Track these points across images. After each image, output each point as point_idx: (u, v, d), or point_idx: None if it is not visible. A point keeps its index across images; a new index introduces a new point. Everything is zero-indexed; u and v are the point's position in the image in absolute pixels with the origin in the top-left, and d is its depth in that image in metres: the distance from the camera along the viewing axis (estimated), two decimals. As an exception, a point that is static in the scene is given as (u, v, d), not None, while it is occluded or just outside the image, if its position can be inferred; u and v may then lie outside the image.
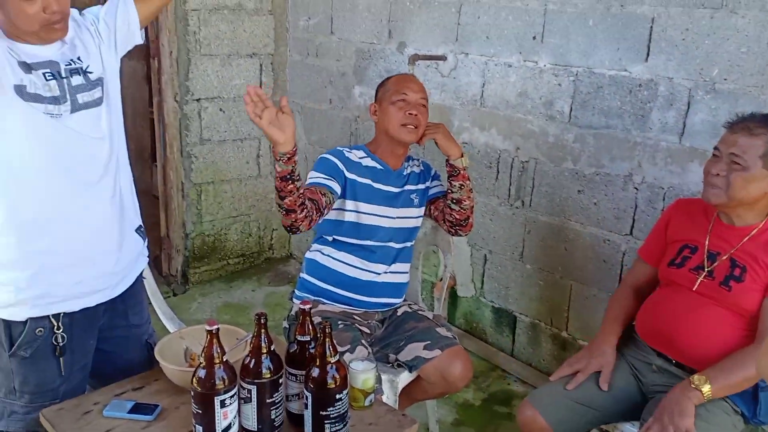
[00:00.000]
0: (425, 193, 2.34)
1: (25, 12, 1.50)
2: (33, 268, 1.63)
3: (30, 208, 1.61)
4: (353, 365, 1.64)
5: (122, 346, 1.87)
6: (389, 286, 2.28)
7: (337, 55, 3.67)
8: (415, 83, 2.25)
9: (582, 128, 2.65)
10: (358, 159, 2.23)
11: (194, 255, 3.86)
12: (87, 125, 1.64)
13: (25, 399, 1.70)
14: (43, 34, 1.56)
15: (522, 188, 2.91)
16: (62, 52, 1.63)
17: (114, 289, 1.78)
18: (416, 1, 3.17)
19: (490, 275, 3.14)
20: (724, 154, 1.78)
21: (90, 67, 1.67)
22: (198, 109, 3.67)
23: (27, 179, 1.60)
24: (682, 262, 1.91)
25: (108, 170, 1.71)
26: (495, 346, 3.18)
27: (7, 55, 1.53)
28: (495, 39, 2.88)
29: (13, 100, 1.52)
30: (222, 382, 1.42)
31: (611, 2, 2.48)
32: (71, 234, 1.66)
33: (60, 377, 1.71)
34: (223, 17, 3.64)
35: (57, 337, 1.68)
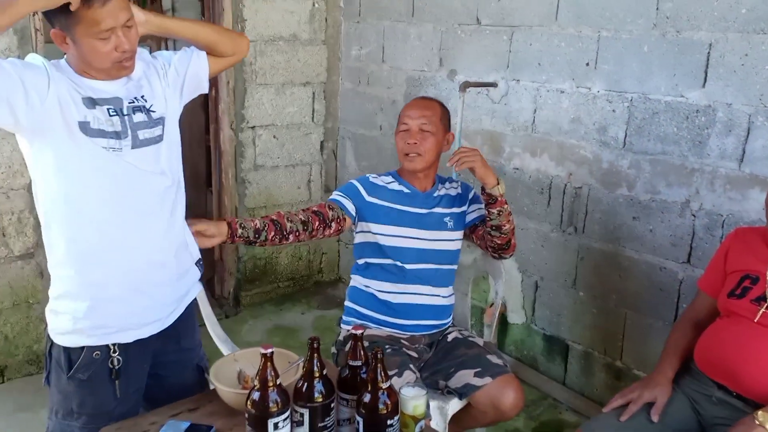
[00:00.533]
0: (462, 217, 2.33)
1: (99, 50, 1.55)
2: (89, 299, 1.68)
3: (88, 240, 1.66)
4: (404, 391, 1.63)
5: (174, 371, 1.90)
6: (430, 308, 2.28)
7: (388, 83, 3.72)
8: (416, 108, 2.24)
9: (637, 154, 2.61)
10: (384, 183, 2.29)
11: (246, 278, 3.93)
12: (146, 161, 1.68)
13: (82, 420, 1.74)
14: (113, 71, 1.62)
15: (575, 214, 2.87)
16: (127, 89, 1.68)
17: (166, 320, 1.81)
18: (467, 29, 3.20)
19: (541, 302, 3.10)
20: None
21: (153, 107, 1.72)
22: (253, 136, 3.77)
23: (86, 212, 1.64)
24: (743, 293, 1.85)
25: (165, 205, 1.75)
26: (546, 375, 3.12)
27: (72, 93, 1.58)
28: (547, 65, 2.88)
29: (76, 136, 1.58)
30: (275, 405, 1.44)
31: (667, 28, 2.45)
32: (127, 266, 1.70)
33: (115, 400, 1.75)
34: (278, 48, 3.74)
35: (113, 360, 1.72)
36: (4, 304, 3.01)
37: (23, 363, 3.09)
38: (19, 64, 1.53)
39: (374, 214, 2.25)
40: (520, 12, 2.95)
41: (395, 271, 2.25)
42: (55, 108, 1.55)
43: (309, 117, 3.97)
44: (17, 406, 2.87)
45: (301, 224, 2.12)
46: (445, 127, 2.26)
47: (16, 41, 2.83)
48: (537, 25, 2.89)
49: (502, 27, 3.03)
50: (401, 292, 2.25)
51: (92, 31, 1.52)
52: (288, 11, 3.72)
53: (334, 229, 2.20)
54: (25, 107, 1.51)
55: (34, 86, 1.52)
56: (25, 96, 1.50)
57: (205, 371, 1.97)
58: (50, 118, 1.55)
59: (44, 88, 1.54)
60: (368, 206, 2.25)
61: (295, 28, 3.77)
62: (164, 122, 1.74)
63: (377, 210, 2.25)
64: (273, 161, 3.88)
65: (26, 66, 1.55)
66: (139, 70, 1.73)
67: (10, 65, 1.50)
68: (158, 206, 1.74)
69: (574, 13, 2.74)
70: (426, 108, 2.23)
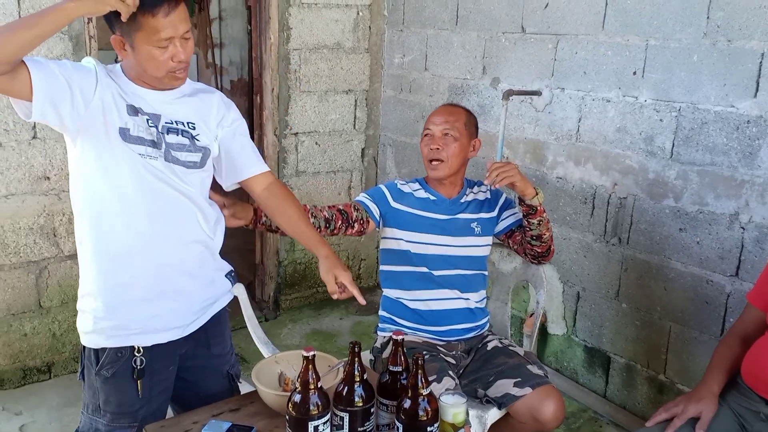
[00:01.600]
0: (491, 222, 2.32)
1: (156, 58, 1.59)
2: (111, 300, 1.72)
3: (114, 241, 1.70)
4: (444, 398, 1.62)
5: (203, 376, 1.91)
6: (461, 312, 2.28)
7: (430, 91, 3.72)
8: (440, 114, 2.24)
9: (685, 165, 2.56)
10: (411, 190, 2.29)
11: (286, 282, 3.97)
12: (177, 176, 1.71)
13: (107, 418, 1.77)
14: (166, 80, 1.66)
15: (619, 225, 2.83)
16: (173, 109, 1.71)
17: (188, 328, 1.82)
18: (512, 37, 3.19)
19: (582, 313, 3.05)
20: None
21: (199, 136, 1.75)
22: (295, 142, 3.81)
23: (115, 213, 1.68)
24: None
25: (192, 215, 1.77)
26: (586, 387, 3.07)
27: (117, 99, 1.63)
28: (593, 74, 2.84)
29: (114, 141, 1.62)
30: (316, 408, 1.45)
31: (717, 37, 2.40)
32: (151, 270, 1.73)
33: (139, 400, 1.77)
34: (322, 56, 3.78)
35: (136, 360, 1.74)
36: (53, 302, 3.10)
37: (69, 360, 3.17)
38: (69, 67, 1.57)
39: (399, 220, 2.26)
40: (566, 20, 2.93)
41: (422, 278, 2.26)
42: (99, 112, 1.60)
43: (351, 124, 4.00)
44: (63, 401, 2.95)
45: (324, 221, 2.14)
46: (470, 133, 2.26)
47: (71, 47, 2.92)
48: (583, 34, 2.86)
49: (548, 35, 3.01)
50: (431, 299, 2.26)
51: (152, 39, 1.56)
52: (333, 20, 3.76)
53: (356, 229, 2.22)
54: (71, 109, 1.56)
55: (80, 89, 1.56)
56: (71, 99, 1.55)
57: (236, 378, 1.98)
58: (93, 122, 1.60)
59: (90, 92, 1.58)
60: (394, 212, 2.26)
61: (339, 37, 3.81)
62: (207, 153, 1.77)
63: (402, 216, 2.26)
64: (314, 167, 3.92)
65: (76, 69, 1.59)
66: (196, 100, 1.76)
67: (60, 67, 1.55)
68: (188, 215, 1.76)
69: (621, 22, 2.71)
70: (449, 114, 2.24)
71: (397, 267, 2.30)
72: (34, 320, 3.08)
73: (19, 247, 2.98)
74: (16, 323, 3.04)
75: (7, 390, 3.05)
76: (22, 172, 2.93)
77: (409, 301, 2.28)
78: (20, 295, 3.03)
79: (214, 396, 1.86)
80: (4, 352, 3.03)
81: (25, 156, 2.91)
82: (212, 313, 1.89)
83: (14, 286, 3.01)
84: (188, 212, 1.76)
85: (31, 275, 3.03)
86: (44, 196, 2.98)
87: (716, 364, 1.95)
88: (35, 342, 3.10)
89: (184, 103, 1.74)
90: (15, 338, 3.05)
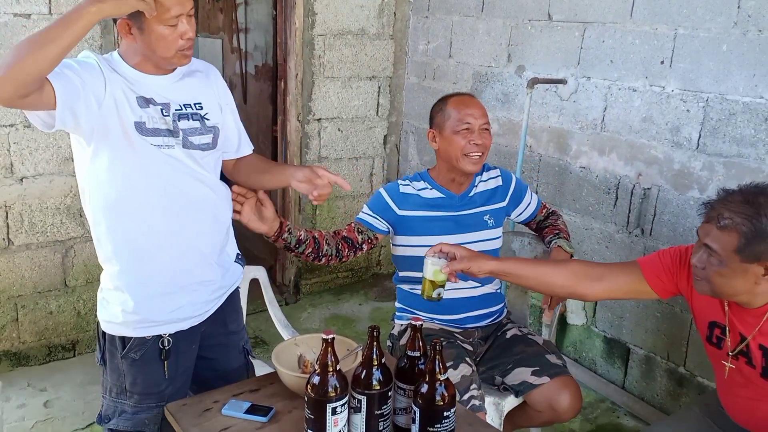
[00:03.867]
0: (502, 212, 2.30)
1: (166, 37, 1.60)
2: (137, 295, 1.74)
3: (136, 237, 1.72)
4: (428, 258, 1.80)
5: (222, 353, 1.96)
6: (477, 299, 2.27)
7: (454, 78, 3.70)
8: (476, 107, 2.18)
9: (711, 156, 2.53)
10: (416, 191, 2.22)
11: (306, 267, 3.99)
12: (195, 161, 1.73)
13: (134, 399, 1.81)
14: (175, 60, 1.66)
15: (642, 216, 2.80)
16: (179, 93, 1.72)
17: (206, 314, 1.86)
18: (538, 25, 3.16)
19: (602, 304, 3.03)
20: (702, 242, 1.56)
21: (209, 115, 1.77)
22: (318, 128, 3.82)
23: (135, 210, 1.70)
24: (718, 342, 1.71)
25: (209, 203, 1.79)
26: (605, 378, 3.06)
27: (126, 92, 1.63)
28: (620, 63, 2.81)
29: (131, 136, 1.63)
30: (334, 391, 1.46)
31: (748, 27, 2.36)
32: (171, 265, 1.75)
33: (165, 380, 1.81)
34: (346, 42, 3.77)
35: (163, 341, 1.78)
36: (78, 282, 3.16)
37: (93, 338, 3.21)
38: (77, 68, 1.56)
39: (409, 227, 2.21)
40: (593, 8, 2.89)
41: None
42: (112, 110, 1.61)
43: (374, 111, 4.00)
44: (87, 378, 3.01)
45: (336, 249, 2.16)
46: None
47: (99, 30, 2.96)
48: (611, 22, 2.82)
49: (575, 23, 2.98)
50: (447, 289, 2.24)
51: (162, 18, 1.57)
52: (358, 6, 3.75)
53: (365, 249, 2.23)
54: (86, 111, 1.56)
55: (92, 90, 1.57)
56: (86, 101, 1.56)
57: (249, 353, 2.03)
58: (108, 120, 1.61)
59: (101, 91, 1.59)
60: (401, 220, 2.21)
61: (364, 23, 3.80)
62: (217, 132, 1.78)
63: (412, 222, 2.21)
64: (337, 153, 3.93)
65: (83, 68, 1.58)
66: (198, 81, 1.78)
67: (70, 71, 1.54)
68: (204, 206, 1.78)
69: (650, 10, 2.67)
70: (480, 107, 2.20)
71: (415, 273, 2.24)
72: (60, 298, 3.14)
73: (47, 227, 3.04)
74: (42, 301, 3.10)
75: (32, 366, 3.12)
76: (50, 153, 2.98)
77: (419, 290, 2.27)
78: (47, 273, 3.09)
79: (232, 372, 1.91)
80: (30, 329, 3.10)
81: (53, 137, 2.96)
82: (228, 294, 1.93)
83: (41, 264, 3.07)
84: (205, 201, 1.78)
85: (57, 254, 3.09)
86: (71, 176, 3.03)
87: (525, 259, 2.03)
88: (60, 320, 3.16)
89: (186, 84, 1.75)
90: (41, 316, 3.12)
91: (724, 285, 1.55)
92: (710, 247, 1.53)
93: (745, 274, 1.52)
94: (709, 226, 1.55)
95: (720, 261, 1.52)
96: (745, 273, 1.51)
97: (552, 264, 1.93)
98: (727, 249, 1.51)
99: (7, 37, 2.78)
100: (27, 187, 2.96)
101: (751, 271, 1.51)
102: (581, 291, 1.86)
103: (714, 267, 1.54)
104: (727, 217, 1.51)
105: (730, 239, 1.50)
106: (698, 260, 1.58)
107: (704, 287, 1.60)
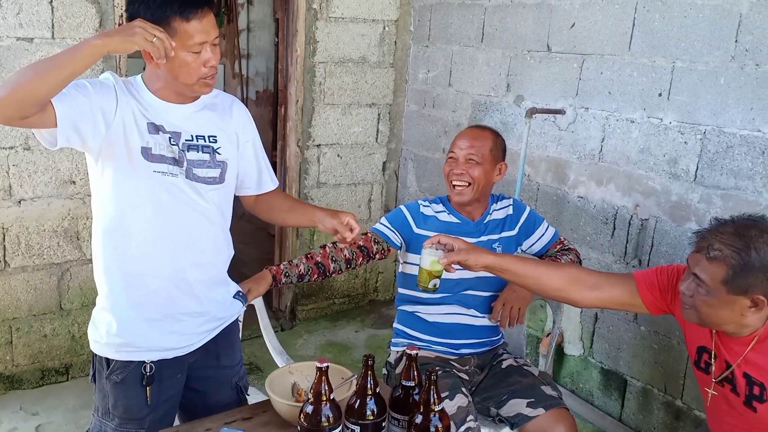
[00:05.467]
0: (512, 241, 2.30)
1: (189, 64, 1.60)
2: (121, 318, 1.73)
3: (129, 261, 1.71)
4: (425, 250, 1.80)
5: (212, 387, 1.92)
6: (478, 328, 2.27)
7: (453, 107, 3.73)
8: (466, 138, 2.22)
9: (708, 188, 2.54)
10: (434, 213, 2.26)
11: (303, 293, 3.98)
12: (197, 193, 1.73)
13: (115, 422, 1.78)
14: (197, 87, 1.66)
15: (640, 247, 2.80)
16: (194, 123, 1.72)
17: (192, 346, 1.83)
18: (537, 56, 3.19)
19: (600, 335, 3.02)
20: (691, 271, 1.58)
21: (221, 149, 1.76)
22: (318, 154, 3.84)
23: (130, 236, 1.70)
24: (706, 368, 1.72)
25: (209, 236, 1.79)
26: (601, 410, 3.03)
27: (138, 117, 1.64)
28: (618, 94, 2.83)
29: (136, 161, 1.64)
30: (327, 420, 1.45)
31: (745, 61, 2.38)
32: (160, 292, 1.74)
33: (147, 407, 1.78)
34: (347, 69, 3.81)
35: (146, 367, 1.75)
36: (73, 305, 3.14)
37: (87, 362, 3.20)
38: (88, 89, 1.58)
39: (409, 245, 2.26)
40: (592, 40, 2.92)
41: (441, 298, 2.24)
42: (120, 132, 1.62)
43: (373, 137, 4.02)
44: (79, 403, 2.98)
45: (345, 262, 2.18)
46: (496, 157, 2.24)
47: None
48: (609, 54, 2.85)
49: (573, 54, 3.01)
50: (448, 313, 2.25)
51: (186, 45, 1.58)
52: (359, 34, 3.79)
53: (377, 258, 2.26)
54: (93, 132, 1.58)
55: (101, 111, 1.58)
56: (93, 122, 1.57)
57: (244, 390, 1.99)
58: (114, 141, 1.62)
59: (111, 112, 1.60)
60: (417, 238, 2.22)
61: (365, 51, 3.84)
62: (226, 167, 1.77)
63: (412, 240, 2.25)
64: (336, 179, 3.94)
65: (96, 88, 1.60)
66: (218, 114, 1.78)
67: (78, 91, 1.55)
68: (201, 239, 1.77)
69: (648, 43, 2.70)
70: (475, 138, 2.22)
71: (416, 293, 2.26)
72: (55, 322, 3.12)
73: (43, 249, 3.03)
74: (37, 324, 3.09)
75: (25, 390, 3.09)
76: (49, 176, 2.98)
77: (427, 314, 2.27)
78: (42, 296, 3.07)
79: (222, 407, 1.86)
80: (23, 352, 3.08)
81: (52, 160, 2.97)
82: (220, 329, 1.89)
83: (36, 287, 3.05)
84: (203, 234, 1.77)
85: (53, 277, 3.08)
86: (69, 199, 3.04)
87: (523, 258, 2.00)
88: (54, 343, 3.14)
89: (204, 116, 1.75)
90: (35, 339, 3.09)
91: (711, 314, 1.57)
92: (699, 276, 1.55)
93: (732, 305, 1.53)
94: (699, 255, 1.56)
95: (708, 291, 1.54)
96: (732, 304, 1.53)
97: (549, 265, 1.94)
98: (714, 280, 1.52)
99: (10, 60, 2.80)
100: (25, 210, 2.96)
101: (738, 303, 1.52)
102: (574, 297, 1.87)
103: (701, 296, 1.55)
104: (717, 249, 1.52)
105: (718, 270, 1.51)
106: (687, 288, 1.59)
107: (692, 315, 1.61)
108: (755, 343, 1.58)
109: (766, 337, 1.57)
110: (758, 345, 1.58)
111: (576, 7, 2.98)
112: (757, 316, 1.55)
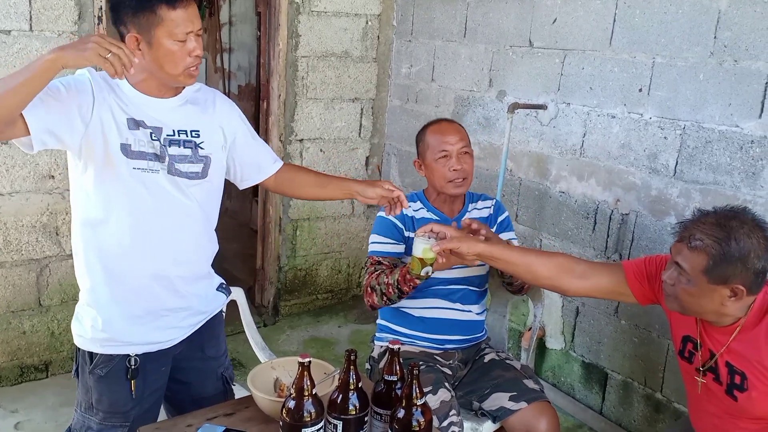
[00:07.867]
0: None
1: (174, 53, 1.59)
2: (105, 314, 1.73)
3: (111, 257, 1.70)
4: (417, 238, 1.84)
5: (197, 378, 1.92)
6: (462, 323, 2.27)
7: (436, 102, 3.73)
8: (453, 132, 2.23)
9: (688, 183, 2.56)
10: (413, 212, 2.25)
11: (286, 288, 3.97)
12: (179, 189, 1.71)
13: (99, 416, 1.78)
14: (182, 78, 1.65)
15: (621, 241, 2.83)
16: (174, 117, 1.70)
17: (176, 340, 1.82)
18: (519, 51, 3.20)
19: (581, 329, 3.04)
20: (673, 260, 1.61)
21: (204, 144, 1.74)
22: (300, 149, 3.82)
23: (110, 233, 1.68)
24: (690, 357, 1.75)
25: (191, 233, 1.78)
26: (583, 403, 3.06)
27: (117, 113, 1.62)
28: (599, 90, 2.85)
29: (116, 158, 1.62)
30: (309, 416, 1.45)
31: (724, 57, 2.41)
32: (142, 288, 1.73)
33: (131, 400, 1.77)
34: (330, 64, 3.79)
35: (130, 360, 1.75)
36: (53, 301, 3.11)
37: (67, 359, 3.17)
38: (61, 90, 1.56)
39: (409, 249, 2.22)
40: (573, 36, 2.94)
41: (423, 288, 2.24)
42: (98, 130, 1.60)
43: (356, 132, 4.01)
44: (59, 400, 2.95)
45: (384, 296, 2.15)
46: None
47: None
48: (590, 50, 2.87)
49: (555, 50, 3.02)
50: (433, 307, 2.25)
51: (172, 33, 1.57)
52: (342, 29, 3.78)
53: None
54: (70, 133, 1.57)
55: (78, 110, 1.57)
56: (69, 124, 1.56)
57: (230, 381, 1.98)
58: (93, 139, 1.60)
59: (88, 111, 1.59)
60: (408, 241, 2.22)
61: (348, 45, 3.83)
62: (209, 162, 1.75)
63: (411, 243, 2.21)
64: (318, 174, 3.92)
65: (69, 88, 1.57)
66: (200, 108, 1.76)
67: (52, 95, 1.53)
68: (183, 235, 1.76)
69: (628, 39, 2.72)
70: (457, 131, 2.23)
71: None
72: (34, 318, 3.09)
73: (22, 245, 2.99)
74: (16, 321, 3.05)
75: (4, 387, 3.05)
76: (27, 170, 2.94)
77: (411, 309, 2.27)
78: (20, 292, 3.04)
79: (208, 398, 1.87)
80: (2, 349, 3.04)
81: (30, 154, 2.92)
82: (204, 321, 1.89)
83: (15, 283, 3.01)
84: (185, 230, 1.76)
85: (32, 273, 3.04)
86: (48, 194, 3.00)
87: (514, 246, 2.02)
88: (34, 340, 3.11)
89: (187, 110, 1.74)
90: (13, 336, 3.06)
91: (692, 303, 1.60)
92: (680, 265, 1.58)
93: (713, 294, 1.56)
94: (681, 245, 1.59)
95: (689, 280, 1.57)
96: (712, 294, 1.56)
97: (540, 254, 1.98)
98: (696, 269, 1.55)
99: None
100: (3, 205, 2.92)
101: (718, 293, 1.56)
102: (563, 285, 1.90)
103: (683, 285, 1.58)
104: (699, 239, 1.55)
105: (699, 260, 1.54)
106: (668, 277, 1.63)
107: (673, 304, 1.64)
108: (738, 332, 1.61)
109: (749, 327, 1.60)
110: (741, 335, 1.61)
111: (558, 3, 2.99)
112: (736, 306, 1.58)
